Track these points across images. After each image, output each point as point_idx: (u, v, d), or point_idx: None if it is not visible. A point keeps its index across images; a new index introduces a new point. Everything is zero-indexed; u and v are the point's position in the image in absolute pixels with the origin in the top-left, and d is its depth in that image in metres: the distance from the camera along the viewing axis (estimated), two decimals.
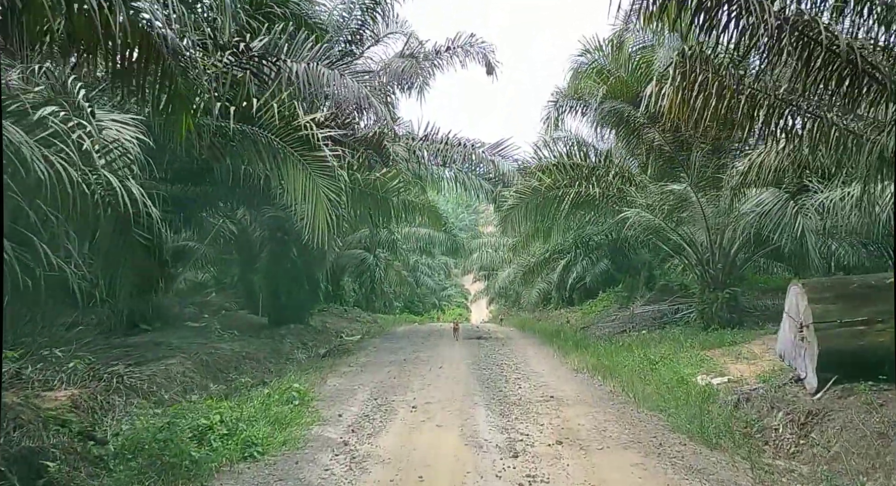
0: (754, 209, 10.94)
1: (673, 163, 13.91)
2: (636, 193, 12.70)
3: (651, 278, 16.95)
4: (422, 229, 24.87)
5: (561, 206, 13.02)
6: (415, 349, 12.30)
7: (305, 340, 13.39)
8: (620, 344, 12.59)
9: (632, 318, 15.73)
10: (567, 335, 14.78)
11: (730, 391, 7.88)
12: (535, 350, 12.26)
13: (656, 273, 17.05)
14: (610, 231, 16.08)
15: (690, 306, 15.25)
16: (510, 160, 14.53)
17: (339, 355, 11.52)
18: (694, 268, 13.91)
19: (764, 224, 10.70)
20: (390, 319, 25.53)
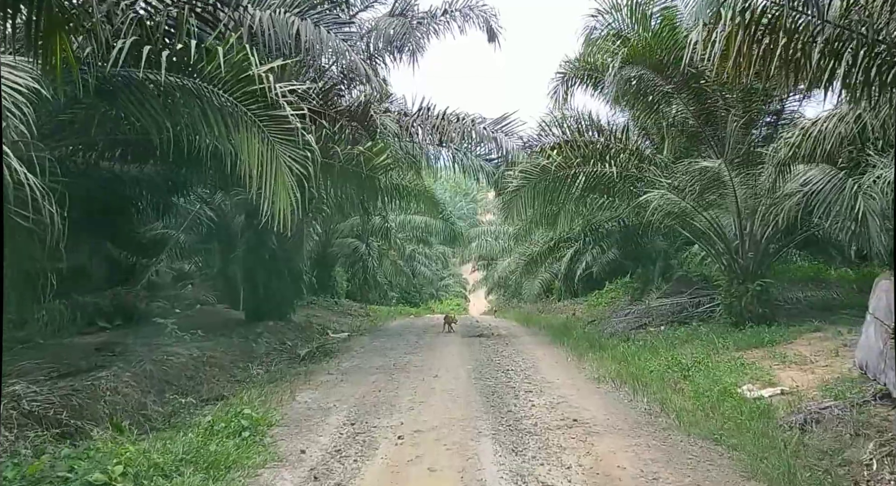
0: (801, 189, 9.34)
1: (697, 139, 12.29)
2: (658, 173, 11.07)
3: (667, 268, 15.37)
4: (417, 217, 23.27)
5: (572, 187, 11.39)
6: (407, 350, 10.71)
7: (285, 338, 11.79)
8: (641, 344, 11.02)
9: (647, 312, 14.15)
10: (578, 333, 13.20)
11: (789, 408, 6.34)
12: (545, 351, 10.67)
13: (673, 263, 15.45)
14: (624, 217, 14.47)
15: (713, 299, 13.68)
16: (514, 138, 12.89)
17: (319, 358, 9.93)
18: (720, 257, 12.31)
19: (812, 206, 9.11)
20: (384, 311, 23.94)
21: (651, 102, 11.58)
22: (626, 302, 17.51)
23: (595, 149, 11.14)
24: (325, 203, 10.78)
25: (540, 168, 11.07)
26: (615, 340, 12.32)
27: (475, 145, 14.57)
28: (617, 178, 11.11)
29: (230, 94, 5.61)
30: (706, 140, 12.29)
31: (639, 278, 16.58)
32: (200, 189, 13.58)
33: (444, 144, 14.30)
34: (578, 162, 11.09)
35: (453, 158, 14.50)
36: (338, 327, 15.37)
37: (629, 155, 11.15)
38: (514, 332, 14.32)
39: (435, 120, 12.81)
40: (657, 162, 11.57)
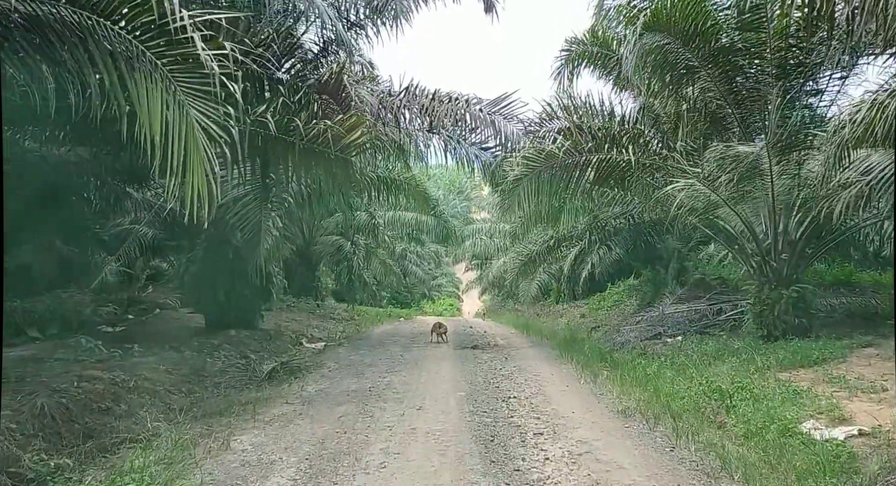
0: (861, 179, 7.68)
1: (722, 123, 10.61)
2: (682, 161, 9.38)
3: (682, 270, 13.68)
4: (408, 213, 21.52)
5: (581, 178, 9.70)
6: (389, 367, 8.97)
7: (249, 351, 10.04)
8: (662, 359, 9.34)
9: (662, 319, 12.48)
10: (585, 344, 11.51)
11: (881, 459, 4.69)
12: (551, 368, 8.96)
13: (688, 265, 13.78)
14: (634, 213, 12.78)
15: (736, 306, 12.03)
16: (515, 122, 11.16)
17: (283, 379, 8.19)
18: (749, 259, 10.65)
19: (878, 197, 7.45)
20: (372, 314, 22.20)
21: (673, 79, 9.87)
22: (635, 307, 15.83)
23: (609, 133, 9.43)
24: (288, 192, 9.01)
25: (545, 155, 9.36)
26: (629, 353, 10.65)
27: (469, 132, 12.84)
28: (634, 167, 9.41)
29: (120, 24, 3.86)
30: (733, 124, 10.62)
31: (648, 281, 14.90)
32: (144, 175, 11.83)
33: (434, 130, 12.56)
34: (590, 148, 9.38)
35: (445, 146, 12.76)
36: (315, 335, 13.61)
37: (648, 140, 9.46)
38: (513, 342, 12.60)
39: (423, 100, 11.07)
40: (680, 149, 9.87)
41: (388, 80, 12.94)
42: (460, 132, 12.85)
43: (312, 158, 6.82)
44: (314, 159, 6.86)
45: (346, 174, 7.38)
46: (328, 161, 7.00)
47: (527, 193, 9.61)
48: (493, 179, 13.00)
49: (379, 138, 11.99)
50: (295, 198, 13.15)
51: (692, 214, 9.51)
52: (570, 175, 9.58)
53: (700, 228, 12.94)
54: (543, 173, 9.55)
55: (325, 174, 7.26)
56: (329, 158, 6.95)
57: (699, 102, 10.64)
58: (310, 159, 6.86)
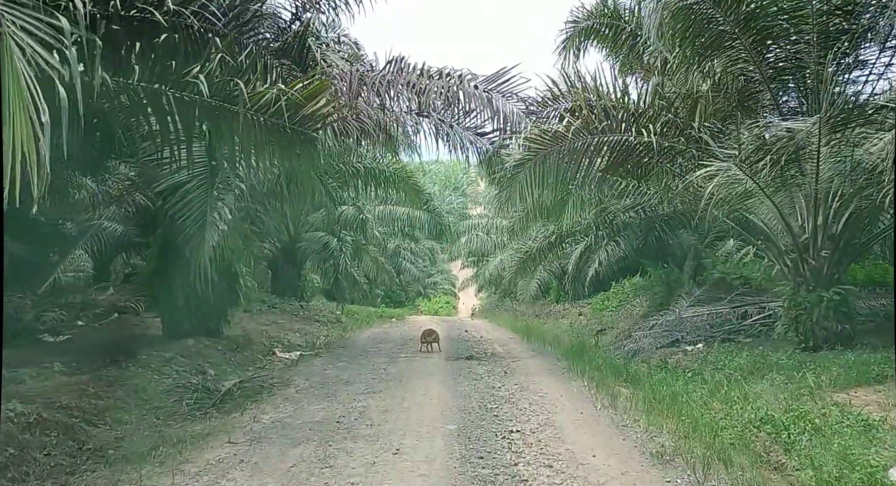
0: None
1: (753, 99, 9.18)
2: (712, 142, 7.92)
3: (699, 268, 12.23)
4: (399, 208, 20.08)
5: (592, 164, 8.25)
6: (368, 385, 7.51)
7: (207, 364, 8.57)
8: (690, 374, 7.93)
9: (679, 324, 11.04)
10: (597, 353, 10.09)
11: None
12: (560, 387, 7.51)
13: (706, 262, 12.33)
14: (646, 205, 11.34)
15: (763, 309, 10.62)
16: (515, 101, 9.70)
17: (238, 403, 6.73)
18: (782, 256, 9.23)
19: None
20: (363, 314, 20.75)
21: (698, 50, 8.40)
22: (645, 309, 14.38)
23: (626, 111, 7.97)
24: (249, 177, 7.48)
25: (551, 135, 7.90)
26: (646, 364, 9.21)
27: (464, 115, 11.36)
28: (654, 150, 7.94)
29: None
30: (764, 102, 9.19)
31: (660, 280, 13.46)
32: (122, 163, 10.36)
33: (423, 113, 11.10)
34: (603, 128, 7.92)
35: (436, 131, 11.26)
36: (294, 341, 12.15)
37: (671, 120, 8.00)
38: (513, 350, 11.15)
39: (411, 76, 9.59)
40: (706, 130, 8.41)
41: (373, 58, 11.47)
42: (453, 115, 11.40)
43: (263, 132, 5.34)
44: (265, 135, 5.38)
45: (308, 154, 5.89)
46: (284, 137, 5.52)
47: (529, 181, 8.14)
48: (491, 168, 11.55)
49: (360, 120, 10.55)
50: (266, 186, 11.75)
51: (721, 206, 8.05)
52: (580, 160, 8.12)
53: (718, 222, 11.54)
54: (549, 158, 8.08)
55: (280, 154, 5.78)
56: (286, 133, 5.47)
57: (725, 78, 9.19)
58: (260, 134, 5.37)
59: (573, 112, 7.95)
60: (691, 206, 10.20)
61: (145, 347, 8.81)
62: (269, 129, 5.38)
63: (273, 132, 5.43)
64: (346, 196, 18.66)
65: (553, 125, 7.90)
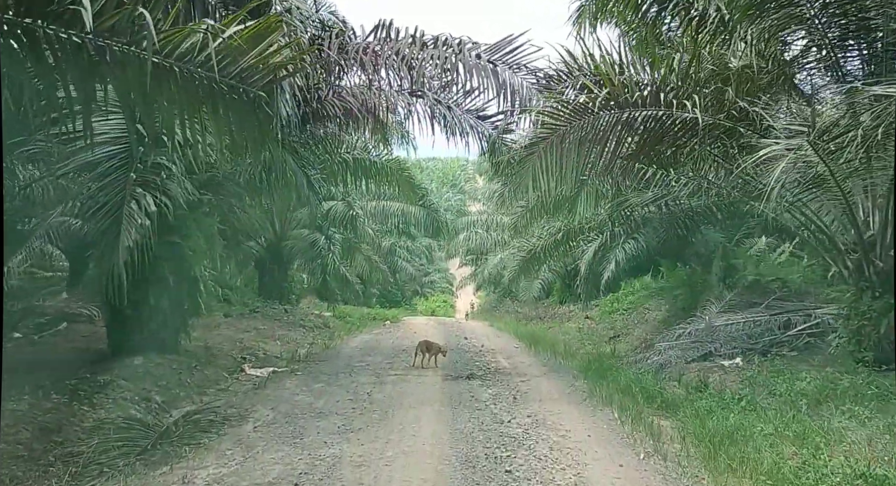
0: None
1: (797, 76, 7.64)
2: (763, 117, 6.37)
3: (730, 269, 10.68)
4: (393, 204, 18.51)
5: (622, 142, 6.71)
6: (345, 420, 5.94)
7: (156, 388, 7.00)
8: (740, 400, 6.40)
9: (711, 334, 9.50)
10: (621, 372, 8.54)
11: None
12: (585, 421, 5.96)
13: (739, 262, 10.77)
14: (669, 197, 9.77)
15: (809, 317, 9.09)
16: (524, 73, 8.14)
17: (177, 449, 5.16)
18: (840, 257, 7.71)
19: None
20: (355, 317, 19.17)
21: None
22: (664, 314, 12.85)
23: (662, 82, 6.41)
24: (168, 149, 5.80)
25: (572, 108, 6.32)
26: (679, 383, 7.69)
27: (463, 95, 9.81)
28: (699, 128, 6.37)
29: None
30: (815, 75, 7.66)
31: (682, 282, 11.91)
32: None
33: (417, 92, 9.53)
34: (637, 100, 6.35)
35: (431, 113, 9.70)
36: (270, 352, 10.59)
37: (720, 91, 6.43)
38: (520, 363, 9.58)
39: (401, 46, 8.03)
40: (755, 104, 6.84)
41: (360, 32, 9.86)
42: (451, 96, 9.85)
43: (185, 90, 3.76)
44: (190, 93, 3.81)
45: (256, 122, 4.31)
46: (221, 99, 3.94)
47: (543, 165, 6.57)
48: (494, 156, 10.00)
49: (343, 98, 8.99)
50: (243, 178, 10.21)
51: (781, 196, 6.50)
52: (605, 141, 6.55)
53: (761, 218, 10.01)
54: (568, 137, 6.51)
55: (216, 121, 4.21)
56: (221, 91, 3.89)
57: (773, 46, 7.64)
58: (184, 93, 3.80)
59: (599, 83, 6.38)
60: (729, 197, 8.67)
61: (83, 367, 7.25)
62: (192, 83, 3.80)
63: (199, 88, 3.85)
64: (336, 191, 17.12)
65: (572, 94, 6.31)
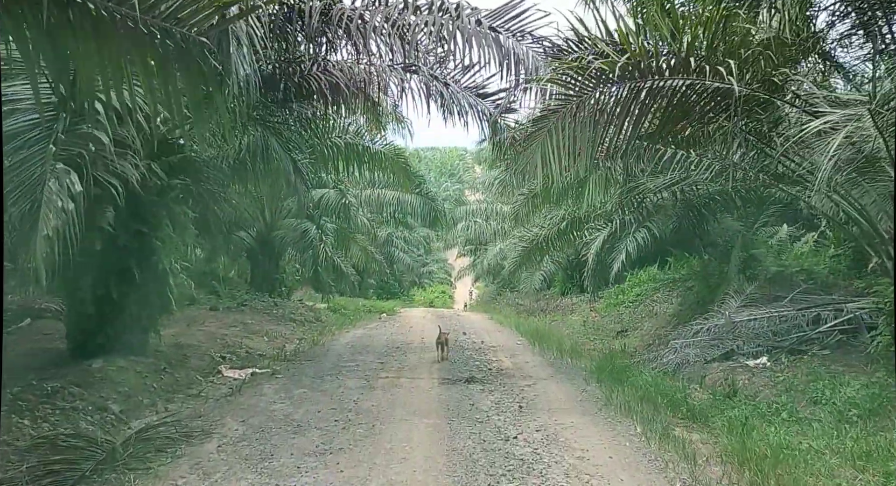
0: None
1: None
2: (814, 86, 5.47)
3: (749, 260, 9.81)
4: (388, 192, 17.60)
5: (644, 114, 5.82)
6: (324, 438, 5.08)
7: (114, 395, 6.14)
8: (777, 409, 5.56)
9: (731, 330, 8.65)
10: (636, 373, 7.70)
11: None
12: (604, 437, 5.09)
13: (758, 252, 9.90)
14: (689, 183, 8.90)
15: (840, 312, 8.21)
16: (529, 42, 7.22)
17: (121, 476, 4.30)
18: (885, 246, 6.84)
19: None
20: (350, 309, 18.34)
21: None
22: (676, 307, 12.00)
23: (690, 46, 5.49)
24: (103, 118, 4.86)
25: (588, 74, 5.41)
26: (701, 385, 6.86)
27: (462, 71, 8.90)
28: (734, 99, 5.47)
29: None
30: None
31: (697, 274, 11.05)
32: None
33: (411, 67, 8.62)
34: (662, 67, 5.45)
35: (427, 90, 8.79)
36: (255, 350, 9.73)
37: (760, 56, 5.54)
38: (524, 363, 8.71)
39: (391, 10, 7.09)
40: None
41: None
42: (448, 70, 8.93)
43: (99, 35, 2.86)
44: (106, 39, 2.91)
45: (201, 81, 3.41)
46: (148, 46, 3.03)
47: (554, 142, 5.67)
48: (496, 136, 9.08)
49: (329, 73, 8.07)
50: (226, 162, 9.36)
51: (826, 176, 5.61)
52: (626, 113, 5.65)
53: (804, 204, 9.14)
54: (583, 109, 5.61)
55: (143, 77, 3.29)
56: (148, 37, 2.98)
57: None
58: (96, 39, 2.90)
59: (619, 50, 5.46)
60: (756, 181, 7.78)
61: (36, 370, 6.39)
62: (113, 27, 2.88)
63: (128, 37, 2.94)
64: (328, 178, 16.22)
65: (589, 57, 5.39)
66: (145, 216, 7.25)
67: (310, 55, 7.84)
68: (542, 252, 15.40)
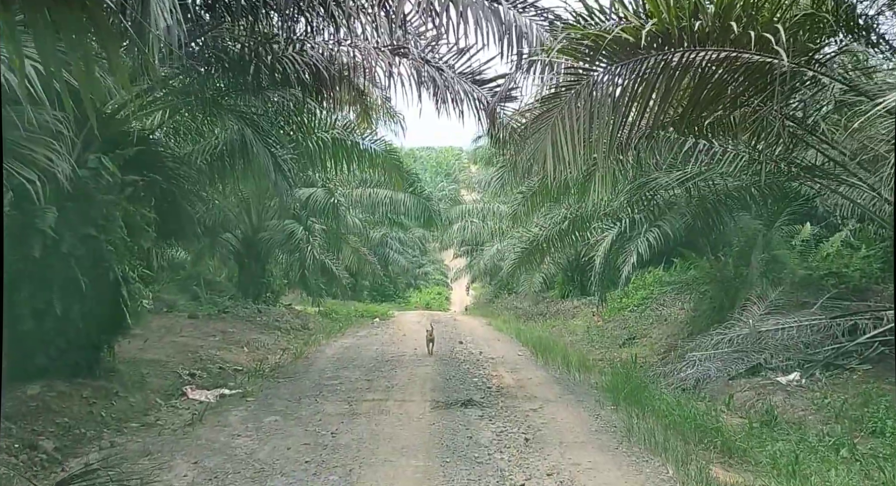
0: None
1: None
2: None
3: (773, 262, 8.87)
4: (380, 191, 16.63)
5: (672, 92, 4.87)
6: (294, 483, 4.12)
7: (54, 427, 5.16)
8: (832, 444, 4.59)
9: (757, 341, 7.71)
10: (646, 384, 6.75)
11: None
12: (633, 481, 4.14)
13: (783, 253, 8.96)
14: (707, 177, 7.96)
15: (881, 320, 7.30)
16: (532, 13, 6.26)
17: None
18: None
19: None
20: (342, 313, 17.38)
21: None
22: (688, 313, 11.06)
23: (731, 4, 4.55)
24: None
25: (608, 43, 4.45)
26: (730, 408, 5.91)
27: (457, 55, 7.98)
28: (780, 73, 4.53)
29: None
30: None
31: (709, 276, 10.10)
32: None
33: (399, 49, 7.65)
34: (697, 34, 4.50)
35: (417, 76, 7.83)
36: (232, 363, 8.76)
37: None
38: (528, 380, 7.74)
39: None
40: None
41: None
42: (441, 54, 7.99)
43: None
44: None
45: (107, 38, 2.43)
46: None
47: (566, 125, 4.70)
48: (494, 127, 8.14)
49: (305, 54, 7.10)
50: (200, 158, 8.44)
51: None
52: (652, 90, 4.69)
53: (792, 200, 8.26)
54: (598, 88, 4.66)
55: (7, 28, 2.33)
56: None
57: None
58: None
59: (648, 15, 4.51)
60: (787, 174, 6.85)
61: None
62: None
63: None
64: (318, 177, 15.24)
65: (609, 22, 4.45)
66: (94, 218, 6.26)
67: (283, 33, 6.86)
68: (542, 253, 14.40)
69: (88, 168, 6.20)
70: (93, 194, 6.23)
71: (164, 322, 11.37)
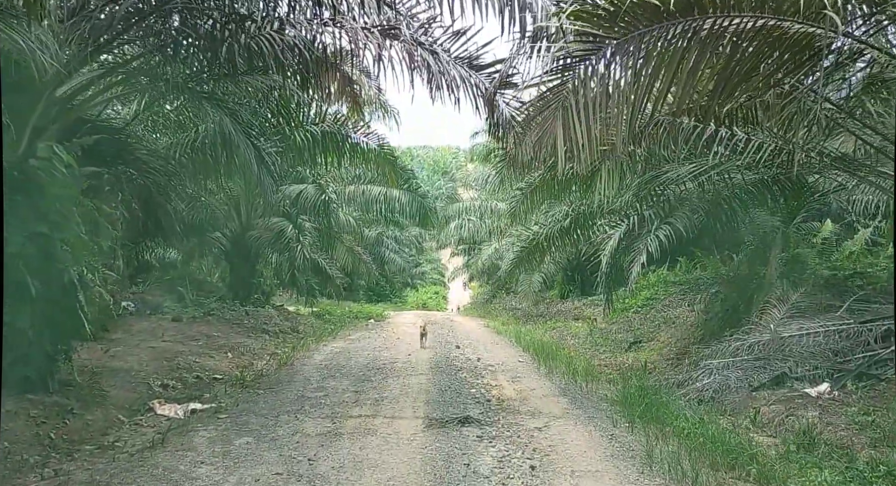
0: None
1: None
2: None
3: (793, 262, 8.18)
4: (374, 188, 15.92)
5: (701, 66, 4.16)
6: None
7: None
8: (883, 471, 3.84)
9: (779, 348, 7.02)
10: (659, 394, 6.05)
11: None
12: None
13: (805, 252, 8.27)
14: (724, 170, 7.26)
15: None
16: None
17: None
18: None
19: None
20: (336, 314, 16.69)
21: None
22: (699, 316, 10.35)
23: None
24: None
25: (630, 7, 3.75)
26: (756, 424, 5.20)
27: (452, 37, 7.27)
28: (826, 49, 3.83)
29: None
30: None
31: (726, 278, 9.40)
32: None
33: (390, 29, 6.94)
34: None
35: (410, 60, 7.10)
36: (206, 374, 8.01)
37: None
38: (530, 391, 7.02)
39: None
40: None
41: None
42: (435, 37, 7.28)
43: None
44: None
45: None
46: None
47: (580, 102, 4.00)
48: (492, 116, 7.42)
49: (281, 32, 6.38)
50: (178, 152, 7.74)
51: None
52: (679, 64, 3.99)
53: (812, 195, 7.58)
54: (618, 57, 3.95)
55: None
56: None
57: None
58: None
59: None
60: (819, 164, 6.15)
61: None
62: None
63: None
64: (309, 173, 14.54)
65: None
66: (46, 213, 5.54)
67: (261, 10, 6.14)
68: (542, 252, 13.69)
69: (39, 158, 5.48)
70: (45, 187, 5.52)
71: (146, 326, 10.66)
